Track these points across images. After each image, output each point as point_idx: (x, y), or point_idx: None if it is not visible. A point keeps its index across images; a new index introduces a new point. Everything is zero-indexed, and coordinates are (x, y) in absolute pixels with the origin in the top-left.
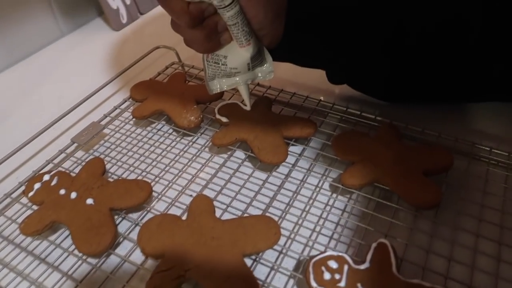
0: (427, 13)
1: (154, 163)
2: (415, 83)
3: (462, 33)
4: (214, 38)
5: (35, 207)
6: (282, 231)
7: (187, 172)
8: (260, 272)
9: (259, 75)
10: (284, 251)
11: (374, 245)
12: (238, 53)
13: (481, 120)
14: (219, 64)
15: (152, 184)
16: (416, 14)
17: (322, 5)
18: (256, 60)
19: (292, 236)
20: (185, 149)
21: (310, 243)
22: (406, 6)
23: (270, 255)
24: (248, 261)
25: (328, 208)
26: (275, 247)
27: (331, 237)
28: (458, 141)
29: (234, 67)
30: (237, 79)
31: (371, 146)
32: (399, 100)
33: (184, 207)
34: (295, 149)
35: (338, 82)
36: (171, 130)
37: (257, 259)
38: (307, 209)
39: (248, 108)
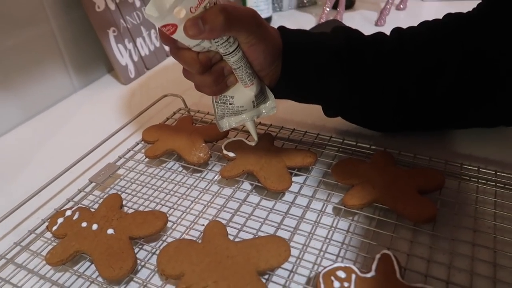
0: (408, 56)
1: (168, 196)
2: (405, 116)
3: (439, 76)
4: (222, 81)
5: (57, 242)
6: (292, 250)
7: (199, 203)
8: (274, 286)
9: (263, 111)
10: (294, 268)
11: (378, 256)
12: (243, 92)
13: (468, 143)
14: (227, 104)
15: (166, 212)
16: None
17: (314, 51)
18: (260, 98)
19: (301, 255)
20: (195, 184)
21: (319, 260)
22: (387, 49)
23: (281, 273)
24: (265, 274)
25: (333, 229)
26: (286, 264)
27: (338, 254)
28: (448, 163)
29: (240, 105)
30: (244, 116)
31: (368, 171)
32: (390, 130)
33: (198, 233)
34: (298, 178)
35: (333, 115)
36: (181, 168)
37: (270, 277)
38: (313, 231)
39: (255, 140)
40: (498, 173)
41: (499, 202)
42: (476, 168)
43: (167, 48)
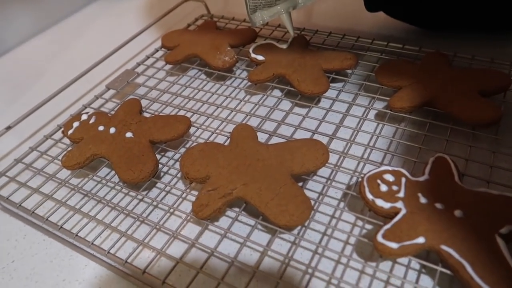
0: None
1: (191, 103)
2: (456, 6)
3: None
4: None
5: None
6: (330, 157)
7: (226, 109)
8: (310, 193)
9: (300, 1)
10: (332, 175)
11: (432, 159)
12: None
13: None
14: None
15: (191, 119)
16: None
17: None
18: None
19: (340, 162)
20: (220, 90)
21: (360, 167)
22: None
23: (318, 179)
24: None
25: (376, 135)
26: (323, 171)
27: (381, 162)
28: None
29: None
30: (279, 7)
31: (418, 72)
32: (441, 27)
33: (225, 139)
34: (336, 84)
35: (376, 8)
36: (204, 75)
37: (305, 184)
38: (353, 137)
39: (292, 35)
40: None
41: None
42: None
43: None
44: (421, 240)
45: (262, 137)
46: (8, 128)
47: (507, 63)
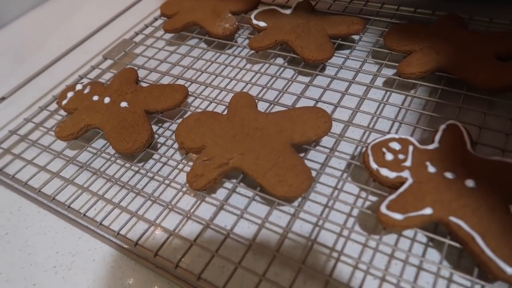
0: None
1: (190, 72)
2: None
3: None
4: None
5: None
6: (334, 126)
7: (226, 78)
8: (311, 163)
9: None
10: (335, 145)
11: (442, 126)
12: None
13: None
14: None
15: (188, 88)
16: None
17: None
18: None
19: (344, 131)
20: (221, 59)
21: (365, 136)
22: None
23: (321, 150)
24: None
25: (383, 103)
26: (326, 140)
27: (389, 131)
28: None
29: None
30: None
31: (431, 35)
32: None
33: (224, 108)
34: (343, 51)
35: None
36: (205, 44)
37: (306, 154)
38: (359, 106)
39: None
40: None
41: None
42: None
43: None
44: (428, 211)
45: (262, 106)
46: (2, 99)
47: None
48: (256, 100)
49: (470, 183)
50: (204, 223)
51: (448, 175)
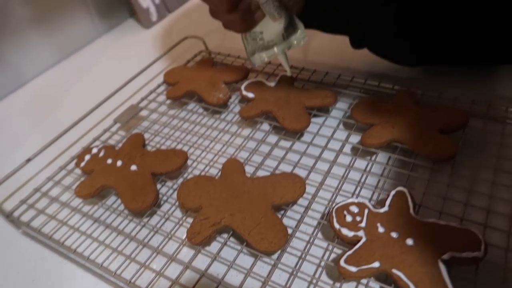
0: None
1: (189, 136)
2: (432, 45)
3: None
4: (249, 17)
5: (85, 177)
6: (308, 188)
7: (219, 142)
8: (289, 221)
9: (294, 41)
10: (309, 205)
11: (392, 192)
12: (272, 26)
13: (497, 83)
14: (256, 40)
15: (187, 151)
16: None
17: None
18: (289, 29)
19: (317, 193)
20: (215, 124)
21: (334, 197)
22: None
23: (297, 209)
24: (280, 210)
25: (350, 168)
26: (302, 201)
27: (353, 192)
28: (475, 103)
29: (270, 40)
30: (275, 49)
31: (389, 111)
32: (418, 63)
33: (217, 171)
34: (318, 119)
35: (360, 46)
36: (201, 109)
37: (285, 213)
38: (330, 170)
39: (289, 73)
40: None
41: None
42: (504, 108)
43: None
44: (376, 264)
45: (250, 169)
46: (28, 160)
47: (468, 102)
48: (244, 164)
49: (409, 241)
50: (200, 273)
51: (394, 234)
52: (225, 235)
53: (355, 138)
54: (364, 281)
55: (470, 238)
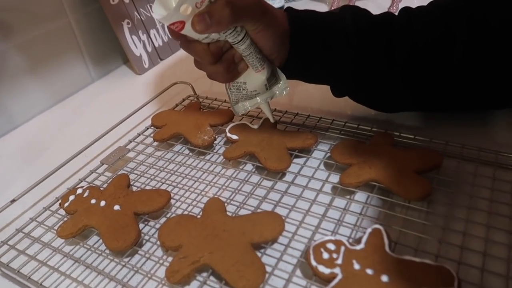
0: (415, 32)
1: (173, 177)
2: (407, 95)
3: (447, 49)
4: (233, 68)
5: (69, 217)
6: (288, 226)
7: (203, 183)
8: (269, 258)
9: (277, 92)
10: (289, 243)
11: (369, 230)
12: (255, 77)
13: (469, 124)
14: (240, 89)
15: (171, 191)
16: (405, 31)
17: (321, 29)
18: (272, 80)
19: (297, 231)
20: (200, 165)
21: (314, 236)
22: (396, 26)
23: (277, 247)
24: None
25: (329, 206)
26: (282, 239)
27: (333, 230)
28: (449, 144)
29: (253, 90)
30: (258, 99)
31: (366, 152)
32: (394, 110)
33: (199, 210)
34: (299, 160)
35: (340, 95)
36: (187, 151)
37: (265, 250)
38: (310, 208)
39: (271, 121)
40: (499, 155)
41: (497, 182)
42: (477, 150)
43: None
44: None
45: (232, 208)
46: (13, 201)
47: (442, 142)
48: (226, 203)
49: (384, 278)
50: None
51: (369, 271)
52: (205, 274)
53: (335, 178)
54: None
55: (444, 275)
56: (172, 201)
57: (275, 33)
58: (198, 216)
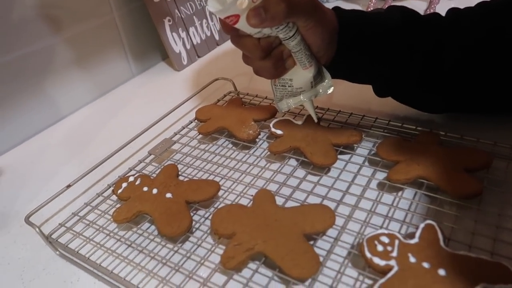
0: (466, 30)
1: (220, 169)
2: (454, 97)
3: (496, 48)
4: (281, 65)
5: (121, 204)
6: (337, 220)
7: (249, 175)
8: (320, 251)
9: (321, 90)
10: (339, 236)
11: (422, 225)
12: (301, 74)
13: None
14: (285, 86)
15: (218, 181)
16: (454, 30)
17: (369, 27)
18: (317, 78)
19: (346, 224)
20: (245, 158)
21: (363, 229)
22: (444, 25)
23: (327, 239)
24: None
25: (377, 202)
26: (331, 232)
27: (381, 225)
28: (497, 144)
29: (299, 87)
30: (302, 97)
31: (413, 149)
32: (441, 112)
33: (248, 201)
34: (344, 156)
35: (384, 95)
36: (231, 144)
37: (315, 242)
38: (357, 203)
39: (314, 119)
40: None
41: None
42: None
43: (217, 37)
44: None
45: (279, 200)
46: (68, 186)
47: (491, 143)
48: (274, 195)
49: (442, 272)
50: None
51: (425, 265)
52: (257, 263)
53: (380, 175)
54: None
55: (502, 271)
56: (220, 192)
57: (324, 31)
58: (248, 206)
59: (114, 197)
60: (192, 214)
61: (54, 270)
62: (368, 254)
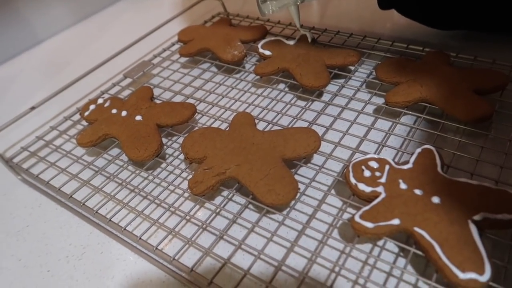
0: None
1: (199, 92)
2: (468, 6)
3: None
4: None
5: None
6: (324, 146)
7: (231, 99)
8: (302, 178)
9: None
10: (325, 163)
11: (418, 150)
12: None
13: None
14: None
15: (196, 106)
16: None
17: None
18: None
19: (333, 151)
20: (228, 82)
21: (352, 157)
22: None
23: (312, 167)
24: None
25: (371, 128)
26: (316, 158)
27: (374, 152)
28: None
29: None
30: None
31: (417, 70)
32: (450, 27)
33: (226, 125)
34: (339, 80)
35: (388, 6)
36: (215, 68)
37: (299, 167)
38: (349, 129)
39: (298, 28)
40: None
41: None
42: None
43: None
44: (396, 221)
45: (262, 126)
46: (32, 108)
47: (508, 64)
48: (257, 120)
49: (435, 199)
50: (200, 224)
51: (417, 191)
52: (230, 189)
53: (378, 100)
54: (380, 242)
55: (506, 200)
56: (197, 116)
57: None
58: (226, 129)
59: (84, 122)
60: (165, 140)
61: (15, 196)
62: (352, 180)
